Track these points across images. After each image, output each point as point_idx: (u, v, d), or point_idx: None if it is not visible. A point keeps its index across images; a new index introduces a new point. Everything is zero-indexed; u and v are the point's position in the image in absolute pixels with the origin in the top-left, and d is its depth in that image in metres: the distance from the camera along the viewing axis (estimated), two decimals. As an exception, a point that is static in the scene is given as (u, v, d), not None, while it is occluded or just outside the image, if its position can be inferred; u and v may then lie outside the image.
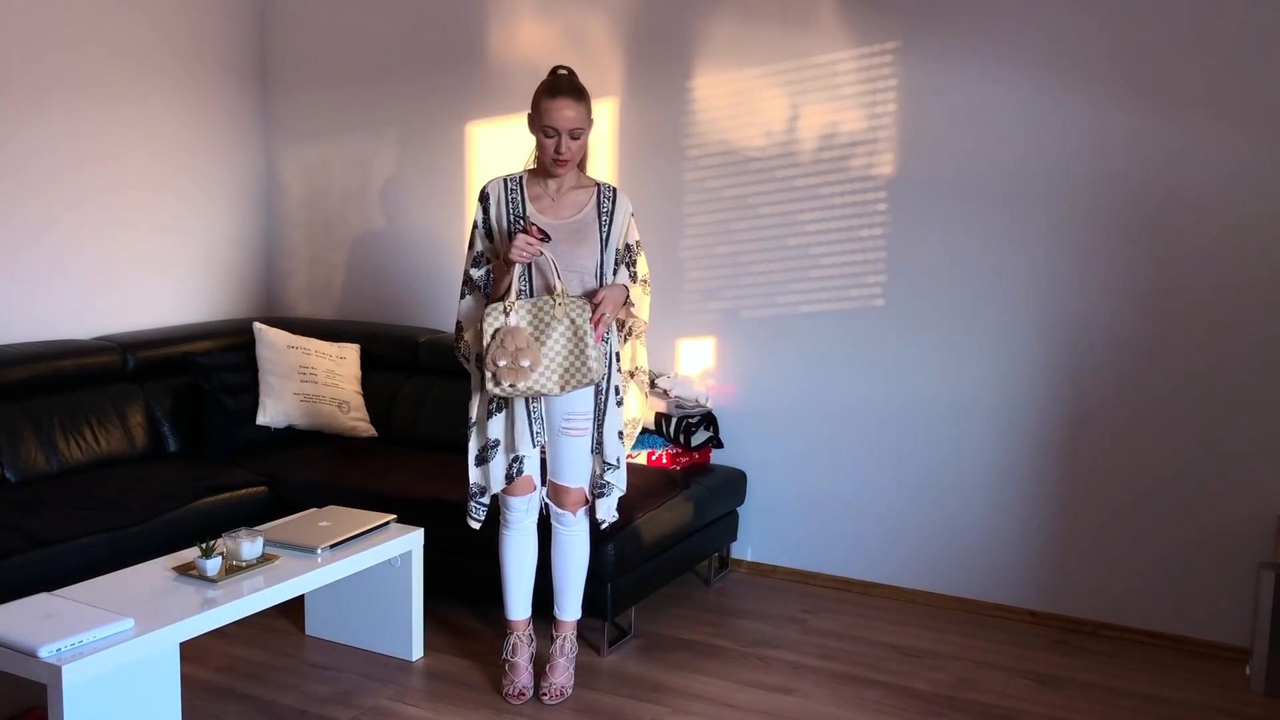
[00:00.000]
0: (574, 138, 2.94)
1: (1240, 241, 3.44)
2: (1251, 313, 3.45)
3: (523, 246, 2.89)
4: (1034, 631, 3.75)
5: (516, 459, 3.06)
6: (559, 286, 2.93)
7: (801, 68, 3.95)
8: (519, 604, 3.22)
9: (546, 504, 3.17)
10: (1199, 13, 3.40)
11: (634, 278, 3.10)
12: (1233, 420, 3.50)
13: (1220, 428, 3.52)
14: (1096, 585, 3.73)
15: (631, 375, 3.22)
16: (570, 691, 3.19)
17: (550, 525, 3.18)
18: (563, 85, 2.96)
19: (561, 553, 3.17)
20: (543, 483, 3.17)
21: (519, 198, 3.04)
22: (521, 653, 3.21)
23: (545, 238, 2.93)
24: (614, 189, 3.11)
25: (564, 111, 2.91)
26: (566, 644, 3.22)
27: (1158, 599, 3.65)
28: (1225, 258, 3.46)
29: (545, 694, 3.15)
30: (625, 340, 3.19)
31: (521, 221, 3.00)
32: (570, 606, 3.22)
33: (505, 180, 3.08)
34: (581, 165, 3.11)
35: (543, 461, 3.17)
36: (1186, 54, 3.43)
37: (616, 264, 3.08)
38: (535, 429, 3.05)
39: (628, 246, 3.10)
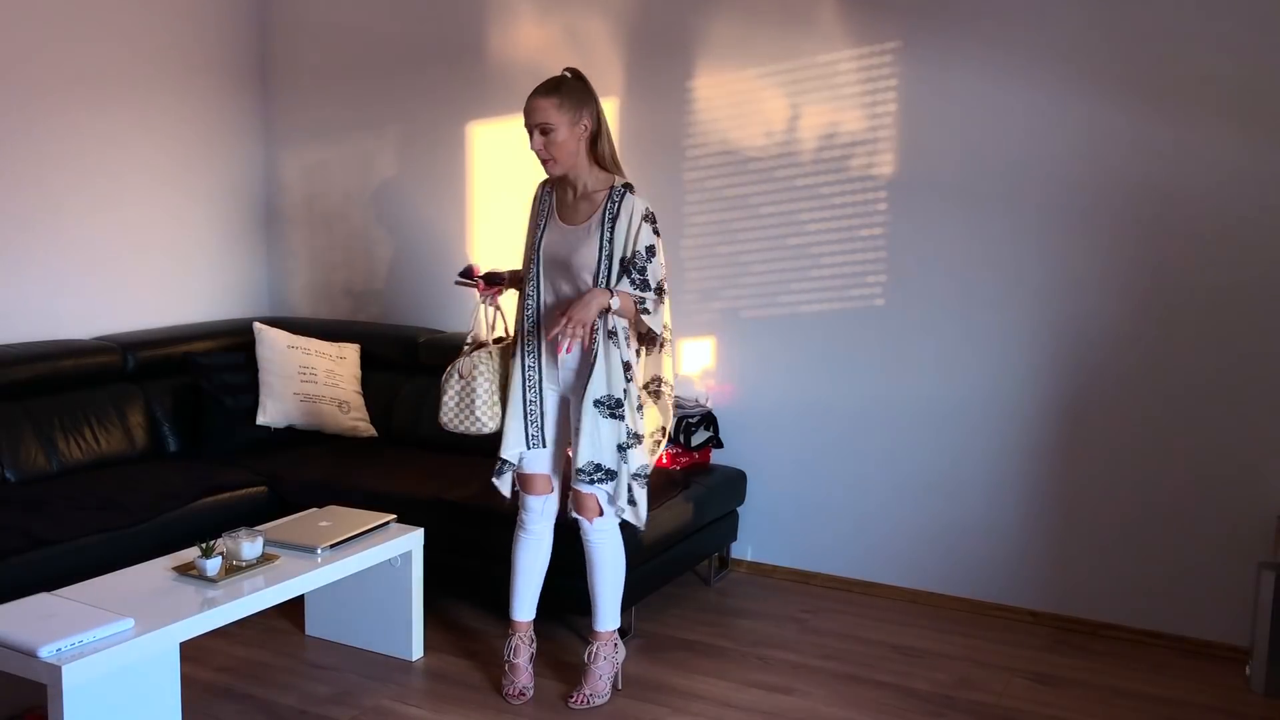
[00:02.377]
0: (544, 133, 2.93)
1: (1239, 241, 3.44)
2: (1251, 312, 3.45)
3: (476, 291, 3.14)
4: (1034, 631, 3.75)
5: (503, 462, 3.09)
6: (483, 337, 3.16)
7: (801, 68, 3.95)
8: (521, 605, 3.21)
9: (572, 512, 3.12)
10: (1198, 12, 3.40)
11: (635, 283, 2.94)
12: (1232, 420, 3.50)
13: (1220, 427, 3.52)
14: (1096, 585, 3.73)
15: (646, 388, 3.15)
16: (598, 702, 3.13)
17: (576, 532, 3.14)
18: (540, 86, 2.97)
19: (589, 561, 3.13)
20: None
21: (549, 202, 3.10)
22: (521, 654, 3.20)
23: (491, 284, 3.15)
24: (624, 192, 2.97)
25: (533, 108, 2.94)
26: (595, 654, 3.16)
27: (1158, 599, 3.65)
28: (1224, 257, 3.46)
29: (570, 696, 3.14)
30: (646, 353, 3.12)
31: (543, 225, 3.09)
32: (600, 617, 3.15)
33: (544, 183, 3.15)
34: (602, 164, 3.02)
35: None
36: (1186, 53, 3.43)
37: (621, 271, 2.96)
38: (530, 432, 3.07)
39: (635, 253, 2.94)
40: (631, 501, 3.04)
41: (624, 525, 3.12)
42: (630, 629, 3.62)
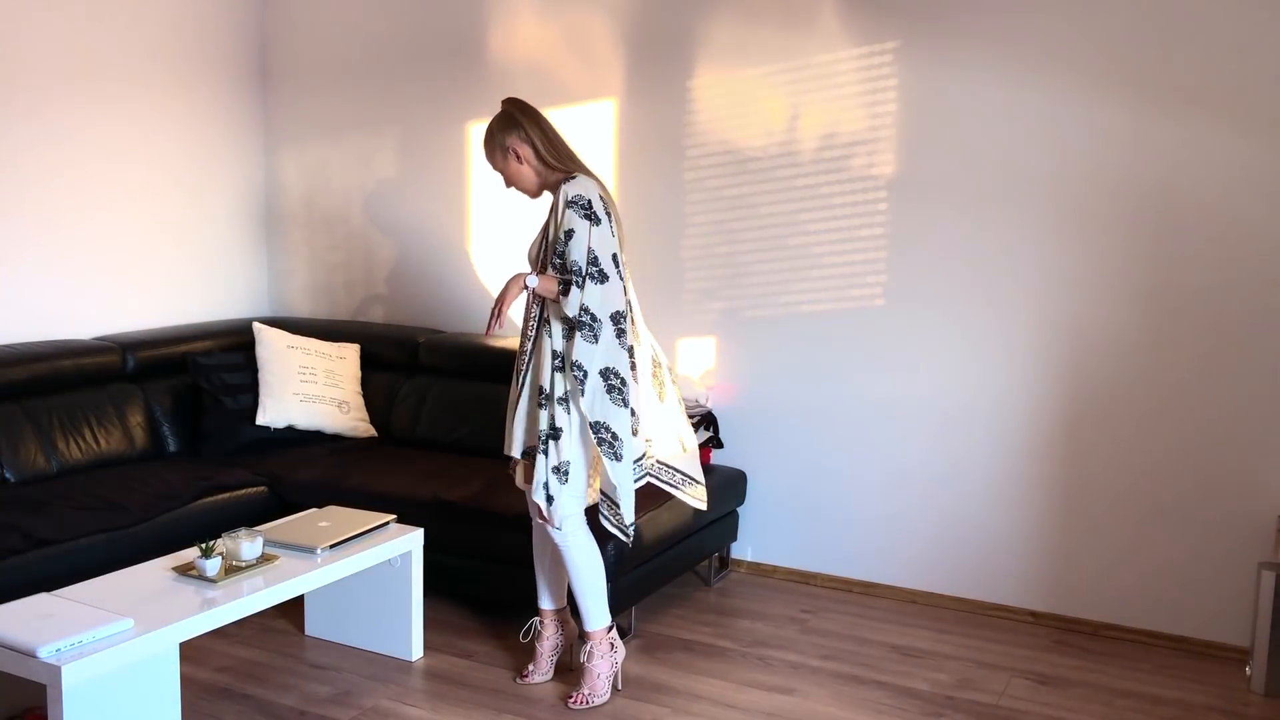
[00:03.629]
0: (501, 175, 3.12)
1: (1239, 242, 3.44)
2: (1251, 312, 3.45)
3: None
4: (1034, 631, 3.75)
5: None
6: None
7: (802, 68, 3.95)
8: (541, 594, 3.29)
9: None
10: (1199, 11, 3.40)
11: (554, 266, 2.99)
12: (1232, 420, 3.50)
13: (1220, 427, 3.52)
14: (1096, 585, 3.73)
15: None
16: (597, 701, 3.14)
17: (599, 527, 3.13)
18: None
19: (561, 559, 3.16)
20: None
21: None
22: (539, 640, 3.28)
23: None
24: (565, 182, 3.00)
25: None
26: (590, 653, 3.17)
27: (1158, 599, 3.65)
28: (1224, 258, 3.46)
29: (570, 698, 3.15)
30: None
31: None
32: (585, 616, 3.16)
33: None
34: (554, 166, 3.06)
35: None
36: (1187, 53, 3.43)
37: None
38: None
39: (557, 239, 2.98)
40: (549, 498, 2.99)
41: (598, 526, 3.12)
42: (630, 629, 3.62)
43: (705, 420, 4.04)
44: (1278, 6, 3.32)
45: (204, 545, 2.90)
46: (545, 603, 3.29)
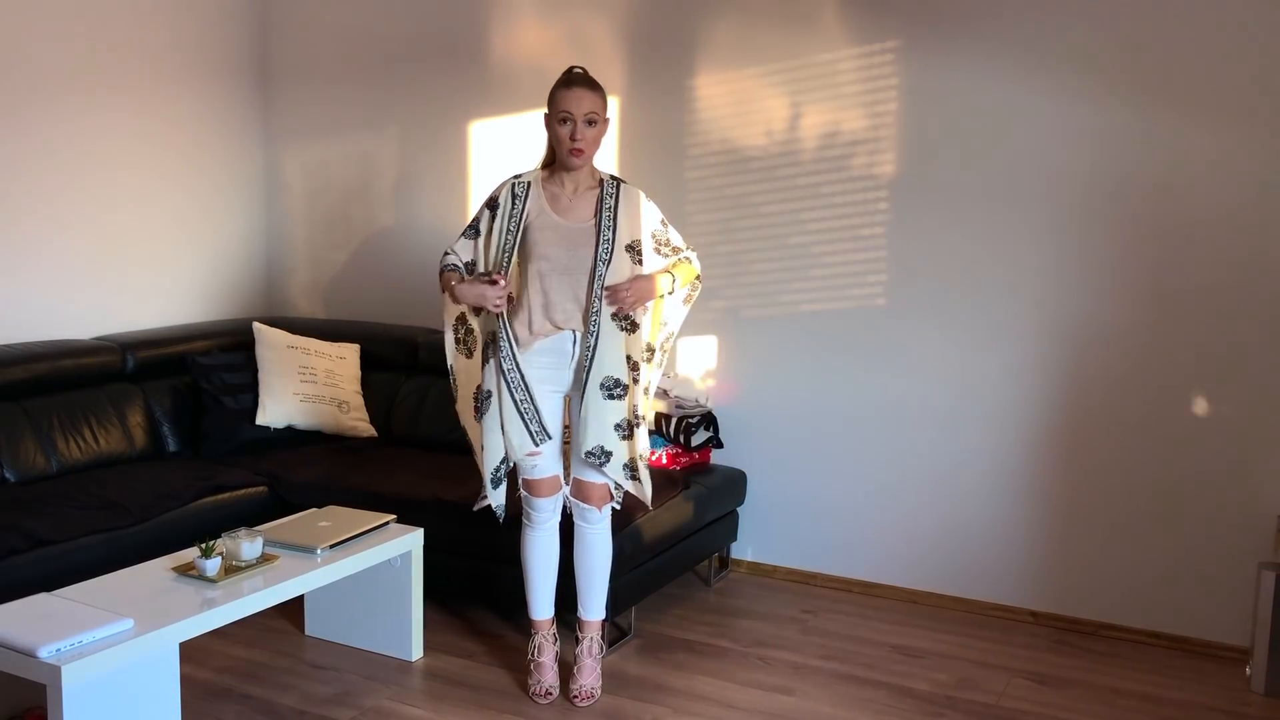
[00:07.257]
0: (590, 124, 2.94)
1: (1240, 242, 3.43)
2: (1251, 311, 3.44)
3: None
4: (1034, 631, 3.75)
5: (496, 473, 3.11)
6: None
7: (802, 67, 3.95)
8: (543, 604, 3.21)
9: (569, 501, 3.15)
10: (1201, 11, 3.40)
11: (673, 251, 3.16)
12: (1233, 420, 3.50)
13: (1220, 427, 3.51)
14: (1096, 585, 3.73)
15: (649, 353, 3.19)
16: (599, 693, 3.17)
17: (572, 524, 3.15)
18: (577, 77, 3.00)
19: (586, 551, 3.15)
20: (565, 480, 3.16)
21: (535, 203, 3.02)
22: (547, 652, 3.20)
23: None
24: (618, 183, 3.07)
25: (580, 97, 2.94)
26: (594, 645, 3.20)
27: (1158, 599, 3.65)
28: (1225, 258, 3.46)
29: (576, 696, 3.14)
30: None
31: (522, 225, 3.00)
32: (595, 606, 3.20)
33: (514, 185, 3.05)
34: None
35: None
36: (1188, 53, 3.43)
37: (637, 254, 3.06)
38: (533, 429, 3.02)
39: (654, 231, 3.12)
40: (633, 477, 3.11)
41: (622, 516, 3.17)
42: (630, 629, 3.62)
43: (705, 420, 4.04)
44: (1278, 6, 3.32)
45: (204, 545, 2.90)
46: (547, 612, 3.23)
